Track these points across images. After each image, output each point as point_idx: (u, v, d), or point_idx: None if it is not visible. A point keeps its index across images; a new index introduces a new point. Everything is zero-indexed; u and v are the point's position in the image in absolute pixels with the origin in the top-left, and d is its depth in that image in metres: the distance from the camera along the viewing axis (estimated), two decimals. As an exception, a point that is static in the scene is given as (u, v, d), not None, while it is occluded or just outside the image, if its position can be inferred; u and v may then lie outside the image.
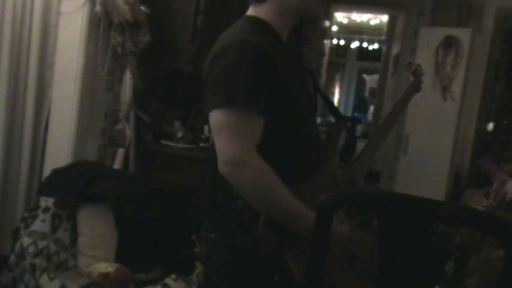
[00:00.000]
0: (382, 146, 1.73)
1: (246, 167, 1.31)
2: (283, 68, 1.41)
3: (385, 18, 7.14)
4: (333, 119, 1.71)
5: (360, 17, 8.08)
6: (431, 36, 4.59)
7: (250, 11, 1.50)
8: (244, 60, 1.34)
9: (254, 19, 1.47)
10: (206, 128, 3.51)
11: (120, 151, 3.25)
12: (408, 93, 1.86)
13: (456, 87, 4.48)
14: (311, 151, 1.51)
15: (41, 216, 2.57)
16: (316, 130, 1.59)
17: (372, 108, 8.28)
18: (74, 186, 2.64)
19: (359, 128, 8.20)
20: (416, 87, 1.91)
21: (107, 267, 2.39)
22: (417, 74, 1.96)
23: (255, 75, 1.33)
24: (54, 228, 2.56)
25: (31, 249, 2.41)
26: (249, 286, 1.46)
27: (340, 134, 1.60)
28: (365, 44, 8.99)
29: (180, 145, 3.38)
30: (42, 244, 2.45)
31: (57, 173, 2.76)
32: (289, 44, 1.54)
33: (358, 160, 1.59)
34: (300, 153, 1.47)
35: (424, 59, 4.52)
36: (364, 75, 9.90)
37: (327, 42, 6.02)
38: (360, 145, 1.65)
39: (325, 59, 6.02)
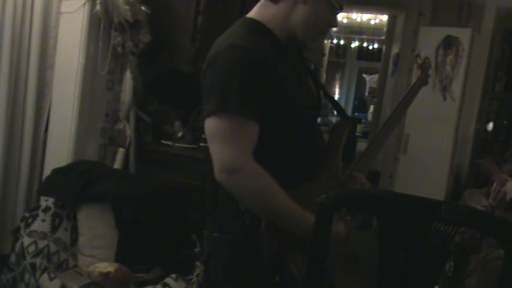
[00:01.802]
0: (386, 142, 1.73)
1: (242, 174, 1.31)
2: (280, 71, 1.41)
3: (385, 18, 7.14)
4: (332, 119, 1.71)
5: (360, 17, 8.07)
6: (431, 36, 4.58)
7: (252, 13, 1.50)
8: (236, 67, 1.33)
9: (252, 21, 1.47)
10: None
11: (120, 151, 3.25)
12: (416, 87, 1.86)
13: (456, 87, 4.48)
14: (314, 152, 1.51)
15: (41, 216, 2.57)
16: (319, 130, 1.59)
17: (371, 108, 8.28)
18: (74, 186, 2.64)
19: (359, 128, 8.21)
20: (423, 80, 1.91)
21: (107, 266, 2.39)
22: (425, 67, 1.96)
23: (247, 81, 1.33)
24: (54, 228, 2.56)
25: (31, 248, 2.41)
26: (249, 287, 1.46)
27: (344, 133, 1.60)
28: (365, 44, 9.00)
29: (180, 145, 3.38)
30: (42, 244, 2.45)
31: (57, 172, 2.76)
32: (289, 45, 1.54)
33: (363, 158, 1.59)
34: (302, 155, 1.47)
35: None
36: (364, 75, 9.91)
37: (327, 42, 6.02)
38: (360, 145, 1.65)
39: (325, 59, 6.03)
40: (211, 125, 1.35)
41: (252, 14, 1.50)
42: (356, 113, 9.71)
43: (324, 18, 1.49)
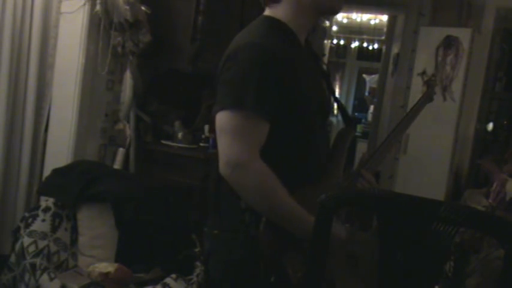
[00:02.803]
0: (388, 154, 1.73)
1: (246, 170, 1.32)
2: (297, 72, 1.41)
3: (385, 18, 7.14)
4: (333, 119, 1.71)
5: (360, 17, 8.08)
6: (431, 36, 4.59)
7: (268, 11, 1.50)
8: (254, 65, 1.34)
9: (271, 20, 1.47)
10: (206, 128, 3.51)
11: (121, 151, 3.25)
12: (420, 103, 1.87)
13: (456, 87, 4.48)
14: (320, 155, 1.51)
15: (41, 216, 2.57)
16: (326, 133, 1.59)
17: (371, 108, 8.28)
18: (74, 186, 2.64)
19: (359, 128, 8.21)
20: (429, 97, 1.93)
21: (107, 267, 2.39)
22: (431, 84, 1.97)
23: (264, 80, 1.33)
24: (54, 228, 2.56)
25: (31, 249, 2.41)
26: (246, 286, 1.46)
27: (349, 138, 1.60)
28: (365, 44, 9.00)
29: (180, 145, 3.38)
30: (42, 244, 2.45)
31: (57, 172, 2.76)
32: (306, 45, 1.54)
33: (364, 169, 1.59)
34: (308, 157, 1.47)
35: (424, 59, 4.52)
36: (364, 75, 9.91)
37: (327, 42, 6.02)
38: (360, 145, 1.65)
39: (325, 59, 6.02)
40: (223, 118, 1.35)
41: (268, 12, 1.50)
42: (356, 113, 9.71)
43: None
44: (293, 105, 1.39)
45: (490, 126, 5.26)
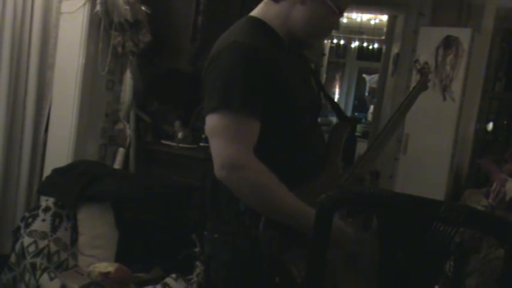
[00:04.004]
0: (386, 145, 1.72)
1: (243, 170, 1.31)
2: (283, 69, 1.41)
3: (385, 18, 7.13)
4: (333, 119, 1.71)
5: (360, 17, 8.07)
6: (431, 36, 4.58)
7: (255, 11, 1.50)
8: (239, 64, 1.33)
9: (255, 20, 1.47)
10: (206, 127, 3.50)
11: (121, 151, 3.25)
12: (415, 91, 1.86)
13: (456, 87, 4.48)
14: (313, 152, 1.50)
15: (42, 215, 2.57)
16: (319, 130, 1.58)
17: (371, 108, 8.28)
18: (74, 186, 2.64)
19: (359, 128, 8.21)
20: (423, 85, 1.91)
21: (107, 266, 2.39)
22: (424, 72, 1.96)
23: (249, 78, 1.33)
24: (54, 228, 2.56)
25: (31, 248, 2.41)
26: None
27: (344, 134, 1.60)
28: (365, 44, 8.99)
29: (180, 145, 3.38)
30: (42, 244, 2.45)
31: (57, 172, 2.76)
32: (291, 44, 1.54)
33: (363, 160, 1.59)
34: (302, 154, 1.46)
35: (424, 59, 4.50)
36: (364, 75, 9.91)
37: (327, 42, 6.02)
38: (360, 145, 1.65)
39: (325, 59, 6.02)
40: (212, 121, 1.35)
41: (255, 12, 1.50)
42: (356, 113, 9.71)
43: (323, 20, 1.49)
44: (281, 101, 1.39)
45: (490, 126, 5.25)
